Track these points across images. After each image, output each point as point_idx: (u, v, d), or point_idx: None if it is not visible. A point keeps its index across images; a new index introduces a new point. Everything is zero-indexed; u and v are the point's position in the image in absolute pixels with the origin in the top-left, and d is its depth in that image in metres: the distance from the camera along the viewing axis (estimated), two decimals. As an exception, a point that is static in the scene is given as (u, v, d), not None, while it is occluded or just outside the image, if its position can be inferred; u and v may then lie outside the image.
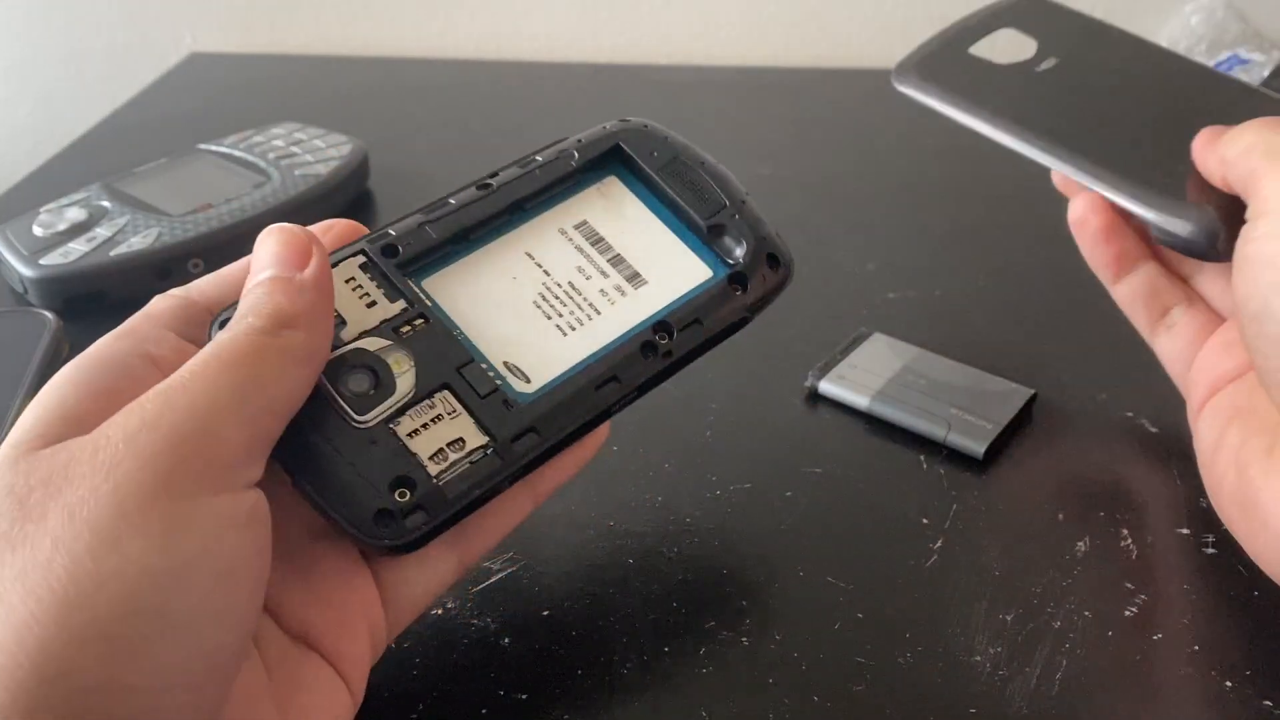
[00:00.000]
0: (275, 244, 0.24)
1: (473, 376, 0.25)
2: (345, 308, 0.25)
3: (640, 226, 0.29)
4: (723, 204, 0.29)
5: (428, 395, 0.24)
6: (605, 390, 0.26)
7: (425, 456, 0.24)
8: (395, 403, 0.24)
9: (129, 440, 0.19)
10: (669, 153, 0.30)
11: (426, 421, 0.24)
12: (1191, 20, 0.64)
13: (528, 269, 0.28)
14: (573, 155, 0.29)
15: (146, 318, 0.25)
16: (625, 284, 0.28)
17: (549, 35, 0.72)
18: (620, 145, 0.30)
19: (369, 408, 0.24)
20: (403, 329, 0.25)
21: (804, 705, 0.25)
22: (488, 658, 0.27)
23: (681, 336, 0.27)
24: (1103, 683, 0.26)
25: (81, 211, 0.44)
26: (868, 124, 0.60)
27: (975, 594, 0.28)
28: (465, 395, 0.25)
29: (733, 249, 0.29)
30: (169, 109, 0.64)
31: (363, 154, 0.51)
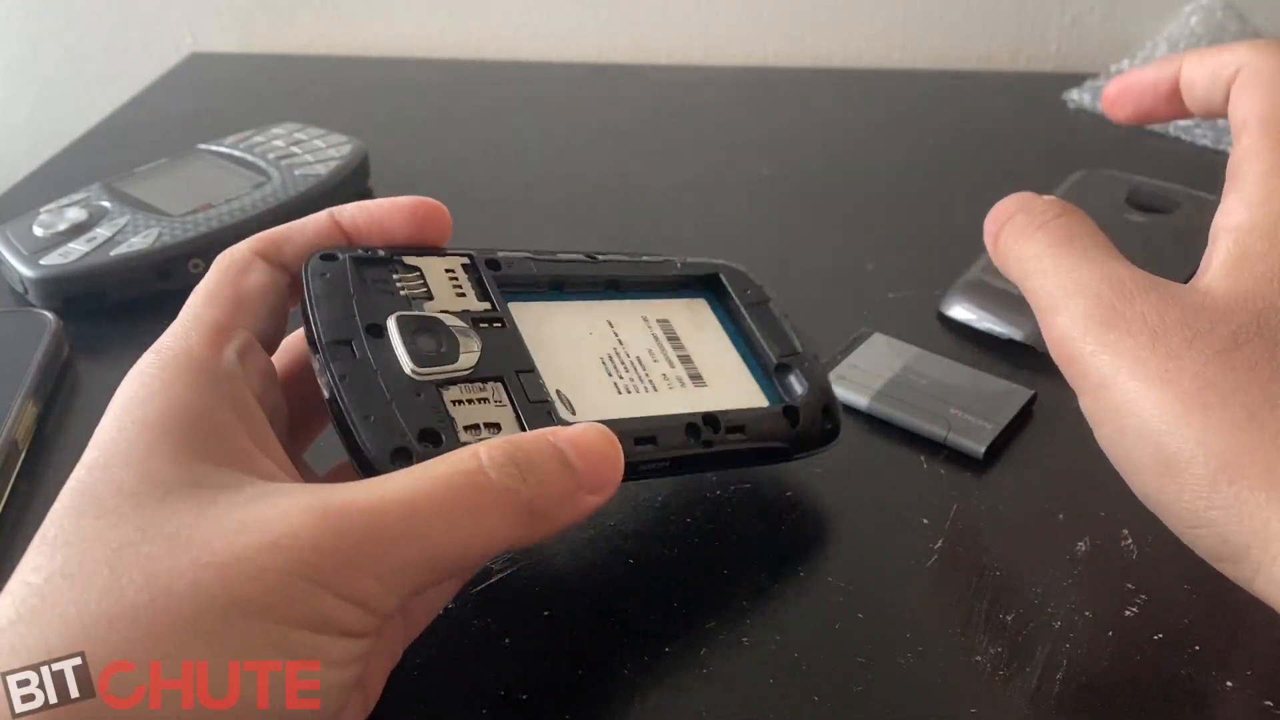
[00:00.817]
0: (598, 441, 0.24)
1: (527, 382, 0.26)
2: (437, 287, 0.27)
3: (714, 344, 0.32)
4: (796, 350, 0.32)
5: (482, 380, 0.25)
6: (641, 448, 0.26)
7: (461, 425, 0.24)
8: (452, 371, 0.25)
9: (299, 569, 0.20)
10: (760, 296, 0.33)
11: (473, 398, 0.25)
12: (1191, 20, 0.64)
13: (604, 332, 0.30)
14: (675, 265, 0.32)
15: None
16: (687, 379, 0.30)
17: (549, 35, 0.72)
18: (719, 276, 0.33)
19: (428, 364, 0.25)
20: (481, 324, 0.27)
21: (804, 705, 0.25)
22: (488, 657, 0.27)
23: (725, 435, 0.28)
24: (1103, 683, 0.26)
25: (81, 211, 0.44)
26: (867, 124, 0.60)
27: (975, 594, 0.28)
28: (516, 394, 0.26)
29: (794, 388, 0.31)
30: (169, 109, 0.64)
31: (363, 154, 0.51)
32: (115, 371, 0.24)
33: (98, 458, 0.22)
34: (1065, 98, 0.60)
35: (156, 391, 0.23)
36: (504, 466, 0.22)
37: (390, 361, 0.24)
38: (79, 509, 0.21)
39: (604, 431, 0.24)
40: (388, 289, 0.26)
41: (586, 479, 0.23)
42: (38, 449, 0.35)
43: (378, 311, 0.25)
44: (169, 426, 0.22)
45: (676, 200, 0.51)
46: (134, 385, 0.23)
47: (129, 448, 0.22)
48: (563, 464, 0.23)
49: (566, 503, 0.23)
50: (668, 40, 0.72)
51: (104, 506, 0.21)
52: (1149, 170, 0.47)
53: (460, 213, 0.29)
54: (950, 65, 0.69)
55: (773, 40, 0.71)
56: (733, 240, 0.48)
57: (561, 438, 0.23)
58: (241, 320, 0.25)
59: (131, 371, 0.24)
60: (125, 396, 0.23)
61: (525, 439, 0.23)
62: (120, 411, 0.22)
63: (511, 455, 0.22)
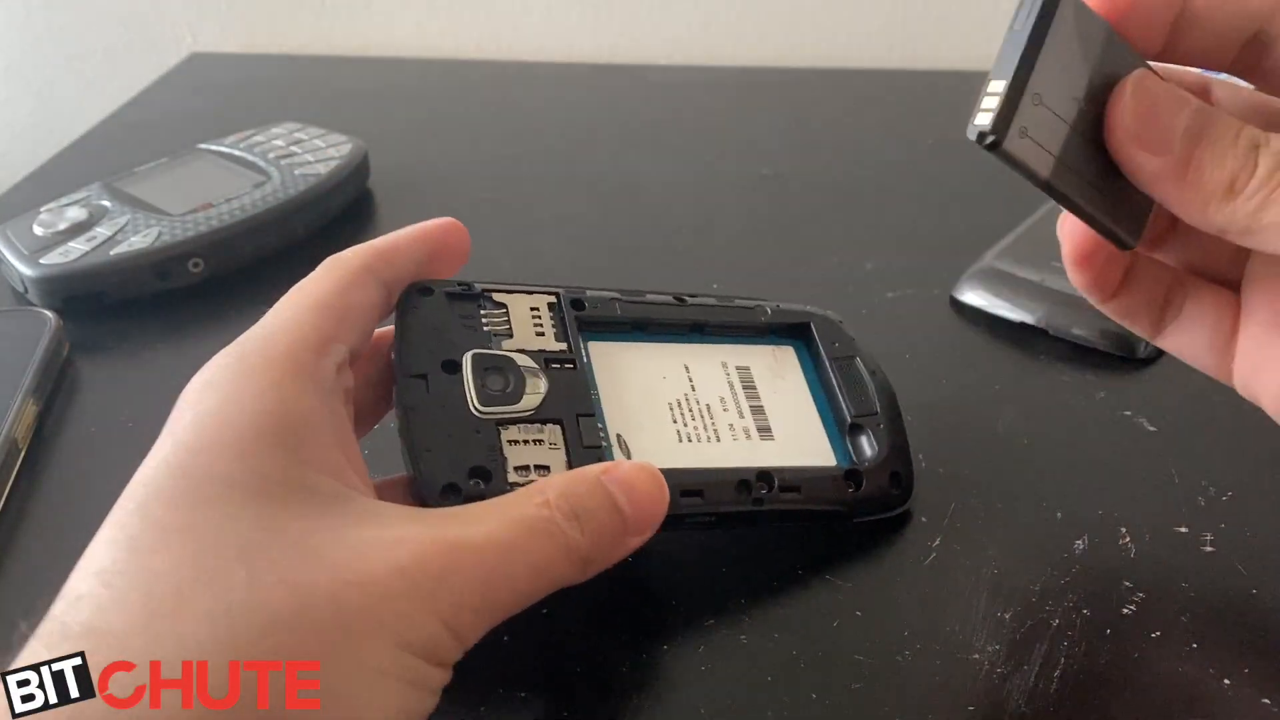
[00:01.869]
0: (646, 483, 0.25)
1: (585, 427, 0.27)
2: (519, 325, 0.28)
3: (792, 395, 0.31)
4: (874, 410, 0.31)
5: (542, 421, 0.26)
6: (688, 500, 0.27)
7: (512, 464, 0.25)
8: (514, 411, 0.26)
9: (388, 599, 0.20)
10: (848, 350, 0.32)
11: (530, 439, 0.26)
12: (1190, 20, 0.64)
13: (679, 376, 0.30)
14: (766, 311, 0.32)
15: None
16: (754, 430, 0.30)
17: (549, 35, 0.72)
18: (810, 325, 0.33)
19: (492, 403, 0.26)
20: (553, 364, 0.28)
21: (803, 703, 0.25)
22: (487, 657, 0.27)
23: (779, 493, 0.28)
24: (1101, 681, 0.26)
25: (82, 211, 0.44)
26: (868, 124, 0.60)
27: (974, 592, 0.28)
28: (571, 437, 0.26)
29: (864, 450, 0.31)
30: (169, 109, 0.64)
31: (363, 154, 0.51)
32: (115, 371, 0.24)
33: (190, 442, 0.21)
34: (1064, 97, 0.60)
35: (265, 387, 0.23)
36: (568, 518, 0.23)
37: (458, 398, 0.26)
38: (178, 494, 0.21)
39: (653, 473, 0.25)
40: (473, 325, 0.28)
41: (633, 522, 0.24)
42: (38, 448, 0.35)
43: (457, 348, 0.27)
44: (277, 424, 0.22)
45: (676, 200, 0.52)
46: (230, 375, 0.23)
47: (234, 438, 0.22)
48: (614, 511, 0.24)
49: (614, 547, 0.24)
50: (668, 40, 0.72)
51: (210, 496, 0.21)
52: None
53: (460, 213, 0.29)
54: (950, 65, 0.69)
55: (773, 40, 0.71)
56: (733, 241, 0.48)
57: (614, 478, 0.24)
58: (343, 336, 0.25)
59: (221, 361, 0.23)
60: (221, 385, 0.23)
61: (582, 484, 0.24)
62: (218, 400, 0.22)
63: (573, 506, 0.23)
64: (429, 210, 0.50)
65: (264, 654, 0.19)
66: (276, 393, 0.23)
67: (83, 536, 0.31)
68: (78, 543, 0.32)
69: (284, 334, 0.24)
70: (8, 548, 0.31)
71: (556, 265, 0.46)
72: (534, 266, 0.46)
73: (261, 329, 0.25)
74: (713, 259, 0.46)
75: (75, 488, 0.34)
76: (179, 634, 0.19)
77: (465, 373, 0.26)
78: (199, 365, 0.30)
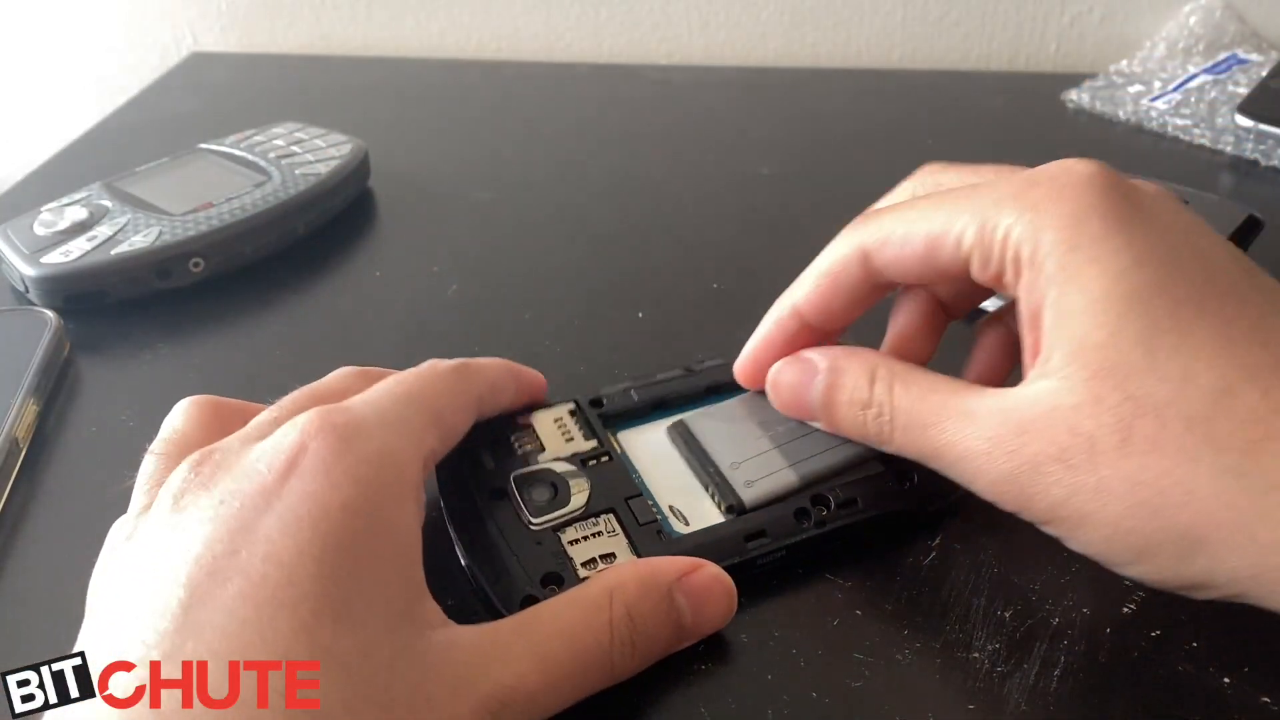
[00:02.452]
0: (716, 594, 0.26)
1: (637, 507, 0.28)
2: (547, 438, 0.30)
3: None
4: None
5: (595, 515, 0.28)
6: (754, 543, 0.28)
7: (579, 562, 0.27)
8: (565, 514, 0.28)
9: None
10: None
11: (588, 535, 0.28)
12: (1190, 20, 0.64)
13: None
14: None
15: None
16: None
17: (549, 35, 0.72)
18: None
19: (543, 514, 0.28)
20: (589, 461, 0.30)
21: (803, 702, 0.25)
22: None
23: (838, 511, 0.29)
24: (1101, 679, 0.26)
25: (82, 210, 0.44)
26: (868, 124, 0.60)
27: (973, 591, 0.28)
28: (626, 521, 0.28)
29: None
30: (169, 109, 0.64)
31: (363, 154, 0.51)
32: (116, 370, 0.24)
33: (308, 547, 0.21)
34: (1064, 98, 0.60)
35: (390, 501, 0.23)
36: (625, 640, 0.24)
37: (512, 519, 0.28)
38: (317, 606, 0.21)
39: (727, 587, 0.26)
40: (508, 451, 0.30)
41: (689, 634, 0.25)
42: (38, 447, 0.35)
43: (501, 475, 0.29)
44: (397, 547, 0.23)
45: (676, 200, 0.52)
46: (354, 493, 0.22)
47: (372, 558, 0.22)
48: (675, 627, 0.25)
49: (657, 657, 0.25)
50: (668, 40, 0.72)
51: (348, 614, 0.21)
52: (1148, 169, 0.47)
53: (460, 212, 0.29)
54: (950, 65, 0.69)
55: (773, 40, 0.71)
56: (732, 241, 0.48)
57: (687, 589, 0.25)
58: (441, 452, 0.27)
59: (338, 469, 0.22)
60: (342, 498, 0.22)
61: (653, 593, 0.25)
62: (348, 512, 0.22)
63: (635, 628, 0.24)
64: (429, 210, 0.50)
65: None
66: (401, 510, 0.23)
67: (83, 536, 0.31)
68: (78, 543, 0.32)
69: (401, 441, 0.24)
70: (8, 548, 0.31)
71: (556, 265, 0.46)
72: (534, 266, 0.46)
73: (390, 434, 0.24)
74: (712, 259, 0.46)
75: (75, 488, 0.34)
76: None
77: (512, 495, 0.28)
78: (199, 365, 0.30)
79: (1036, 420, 0.24)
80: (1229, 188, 0.51)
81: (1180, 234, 0.24)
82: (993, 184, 0.26)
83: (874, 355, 0.28)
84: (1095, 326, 0.23)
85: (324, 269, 0.46)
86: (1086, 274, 0.24)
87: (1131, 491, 0.22)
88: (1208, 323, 0.23)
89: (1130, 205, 0.25)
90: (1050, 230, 0.24)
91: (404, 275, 0.45)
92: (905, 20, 0.69)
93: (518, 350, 0.39)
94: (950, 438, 0.25)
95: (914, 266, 0.27)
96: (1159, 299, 0.23)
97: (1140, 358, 0.23)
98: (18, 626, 0.29)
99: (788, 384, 0.29)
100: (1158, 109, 0.57)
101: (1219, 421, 0.22)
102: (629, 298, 0.43)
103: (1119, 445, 0.23)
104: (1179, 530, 0.22)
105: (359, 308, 0.43)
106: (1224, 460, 0.22)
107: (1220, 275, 0.24)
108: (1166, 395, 0.22)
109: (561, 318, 0.42)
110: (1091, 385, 0.23)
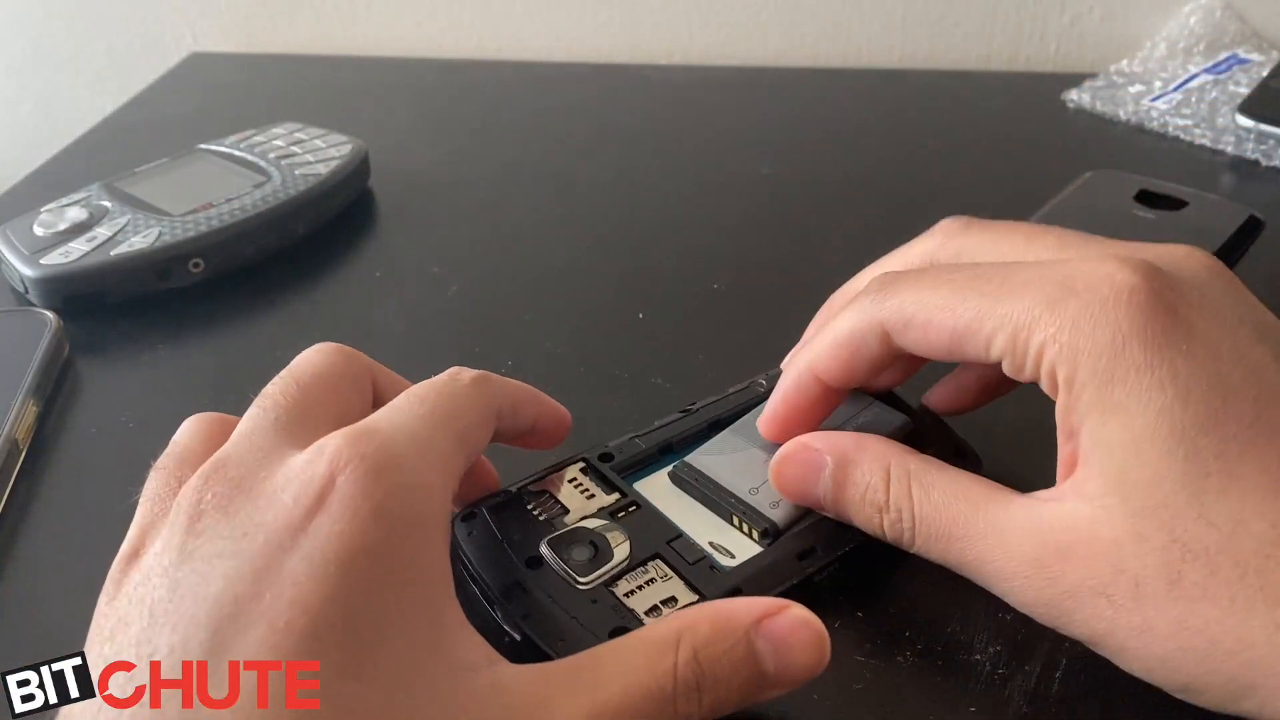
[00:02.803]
0: (804, 637, 0.23)
1: (681, 547, 0.28)
2: (568, 499, 0.29)
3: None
4: (909, 409, 0.32)
5: (641, 564, 0.27)
6: (806, 560, 0.28)
7: (642, 611, 0.26)
8: (612, 568, 0.27)
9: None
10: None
11: (641, 584, 0.27)
12: (1190, 20, 0.64)
13: None
14: (761, 384, 0.33)
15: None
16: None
17: (549, 35, 0.72)
18: None
19: (590, 572, 0.27)
20: (618, 514, 0.29)
21: (803, 703, 0.25)
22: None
23: None
24: (1102, 680, 0.26)
25: (82, 211, 0.44)
26: (868, 124, 0.60)
27: (975, 592, 0.28)
28: (675, 562, 0.27)
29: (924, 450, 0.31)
30: (169, 109, 0.64)
31: (363, 154, 0.51)
32: (115, 371, 0.24)
33: (335, 593, 0.20)
34: (1064, 98, 0.60)
35: (419, 538, 0.22)
36: (690, 685, 0.21)
37: (559, 584, 0.27)
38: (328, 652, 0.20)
39: (817, 630, 0.23)
40: (528, 520, 0.28)
41: (774, 681, 0.22)
42: (38, 448, 0.35)
43: (530, 544, 0.28)
44: (427, 587, 0.22)
45: (676, 200, 0.52)
46: (382, 533, 0.21)
47: (400, 600, 0.21)
48: (752, 676, 0.22)
49: (738, 706, 0.22)
50: (668, 40, 0.72)
51: (373, 664, 0.20)
52: (1148, 169, 0.47)
53: (460, 212, 0.29)
54: (950, 65, 0.69)
55: (773, 40, 0.71)
56: (732, 241, 0.48)
57: (769, 634, 0.22)
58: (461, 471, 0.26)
59: (366, 507, 0.21)
60: (371, 540, 0.21)
61: (727, 639, 0.22)
62: (376, 555, 0.21)
63: (703, 673, 0.22)
64: (429, 210, 0.50)
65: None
66: (432, 549, 0.22)
67: (83, 536, 0.31)
68: (78, 543, 0.32)
69: (441, 479, 0.24)
70: (8, 548, 0.31)
71: (556, 265, 0.46)
72: (534, 266, 0.46)
73: (420, 463, 0.23)
74: (712, 259, 0.46)
75: (75, 488, 0.34)
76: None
77: (550, 561, 0.27)
78: (199, 366, 0.30)
79: (1075, 548, 0.23)
80: (1229, 188, 0.51)
81: (1229, 353, 0.23)
82: (1026, 283, 0.25)
83: (885, 448, 0.27)
84: (1138, 463, 0.23)
85: (324, 269, 0.46)
86: (1128, 408, 0.23)
87: (1178, 635, 0.22)
88: (1259, 462, 0.22)
89: (1174, 323, 0.23)
90: (1089, 355, 0.23)
91: (404, 275, 0.45)
92: (905, 20, 0.68)
93: (518, 350, 0.39)
94: (980, 555, 0.24)
95: (938, 352, 0.26)
96: (1205, 438, 0.22)
97: (1185, 500, 0.22)
98: (18, 626, 0.29)
99: (792, 476, 0.28)
100: (1158, 109, 0.57)
101: (1272, 573, 0.21)
102: (629, 298, 0.43)
103: (1167, 589, 0.22)
104: (1228, 675, 0.22)
105: (359, 308, 0.43)
106: (1277, 614, 0.21)
107: (1274, 402, 0.23)
108: (1217, 541, 0.22)
109: (561, 318, 0.42)
110: (1135, 522, 0.22)
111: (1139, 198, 0.45)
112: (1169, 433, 0.22)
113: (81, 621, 0.22)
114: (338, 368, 0.26)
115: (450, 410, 0.25)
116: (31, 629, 0.29)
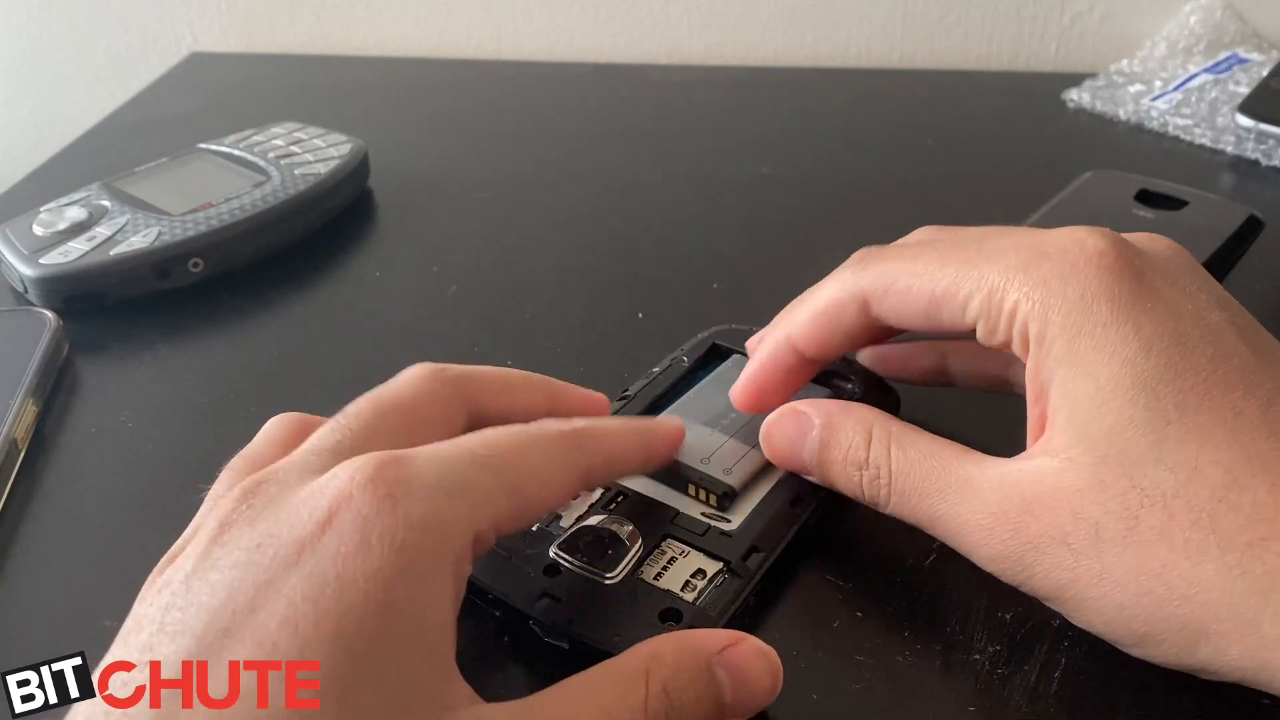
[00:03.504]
0: (760, 670, 0.23)
1: (686, 524, 0.28)
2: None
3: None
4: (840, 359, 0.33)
5: (654, 548, 0.28)
6: (798, 506, 0.29)
7: (678, 589, 0.26)
8: (633, 556, 0.27)
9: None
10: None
11: (664, 565, 0.27)
12: (1190, 20, 0.64)
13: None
14: (683, 360, 0.34)
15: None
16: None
17: (549, 35, 0.72)
18: (715, 342, 0.35)
19: (614, 565, 0.27)
20: (610, 505, 0.29)
21: (803, 704, 0.25)
22: (486, 657, 0.27)
23: None
24: (1102, 680, 0.26)
25: (82, 211, 0.44)
26: (868, 124, 0.60)
27: (974, 592, 0.28)
28: (687, 538, 0.28)
29: (844, 386, 0.33)
30: (169, 109, 0.64)
31: (363, 154, 0.51)
32: (115, 371, 0.24)
33: (325, 618, 0.20)
34: (1064, 98, 0.60)
35: (426, 573, 0.21)
36: (659, 716, 0.22)
37: (586, 584, 0.27)
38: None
39: (772, 662, 0.23)
40: (526, 533, 0.28)
41: (732, 706, 0.23)
42: (37, 448, 0.35)
43: (540, 554, 0.27)
44: (424, 624, 0.21)
45: (676, 200, 0.52)
46: (386, 561, 0.21)
47: (393, 635, 0.20)
48: (714, 704, 0.22)
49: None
50: (668, 40, 0.72)
51: (358, 699, 0.19)
52: (1148, 169, 0.47)
53: (460, 212, 0.29)
54: (950, 65, 0.69)
55: (773, 40, 0.71)
56: (732, 241, 0.48)
57: (728, 663, 0.23)
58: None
59: (375, 531, 0.21)
60: (373, 566, 0.20)
61: (690, 669, 0.22)
62: (376, 582, 0.20)
63: (669, 700, 0.22)
64: (429, 210, 0.50)
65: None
66: (439, 584, 0.22)
67: (83, 536, 0.31)
68: (78, 542, 0.32)
69: (465, 520, 0.22)
70: (8, 548, 0.31)
71: (556, 265, 0.46)
72: (534, 266, 0.46)
73: (444, 498, 0.22)
74: (712, 259, 0.46)
75: (75, 488, 0.34)
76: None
77: (568, 565, 0.27)
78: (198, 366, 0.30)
79: (1040, 499, 0.24)
80: (1229, 187, 0.51)
81: (1190, 314, 0.24)
82: (1001, 249, 0.26)
83: (870, 413, 0.28)
84: (1101, 413, 0.23)
85: (324, 269, 0.46)
86: (1094, 360, 0.24)
87: (1135, 581, 0.23)
88: (1215, 412, 0.23)
89: (1140, 285, 0.25)
90: (1058, 312, 0.24)
91: (404, 275, 0.45)
92: (905, 20, 0.69)
93: (517, 351, 0.39)
94: (949, 509, 0.25)
95: (915, 320, 0.28)
96: (1166, 387, 0.23)
97: (1146, 447, 0.23)
98: (18, 626, 0.29)
99: (781, 438, 0.29)
100: (1158, 108, 0.57)
101: (1225, 517, 0.22)
102: (629, 298, 0.43)
103: (1124, 534, 0.23)
104: (1182, 621, 0.22)
105: (359, 308, 0.43)
106: (1229, 558, 0.22)
107: (1230, 358, 0.24)
108: (1173, 486, 0.22)
109: (561, 318, 0.42)
110: (1097, 470, 0.23)
111: (1139, 197, 0.45)
112: (1131, 382, 0.23)
113: (82, 621, 0.22)
114: (424, 394, 0.26)
115: (508, 457, 0.24)
116: (31, 629, 0.29)
